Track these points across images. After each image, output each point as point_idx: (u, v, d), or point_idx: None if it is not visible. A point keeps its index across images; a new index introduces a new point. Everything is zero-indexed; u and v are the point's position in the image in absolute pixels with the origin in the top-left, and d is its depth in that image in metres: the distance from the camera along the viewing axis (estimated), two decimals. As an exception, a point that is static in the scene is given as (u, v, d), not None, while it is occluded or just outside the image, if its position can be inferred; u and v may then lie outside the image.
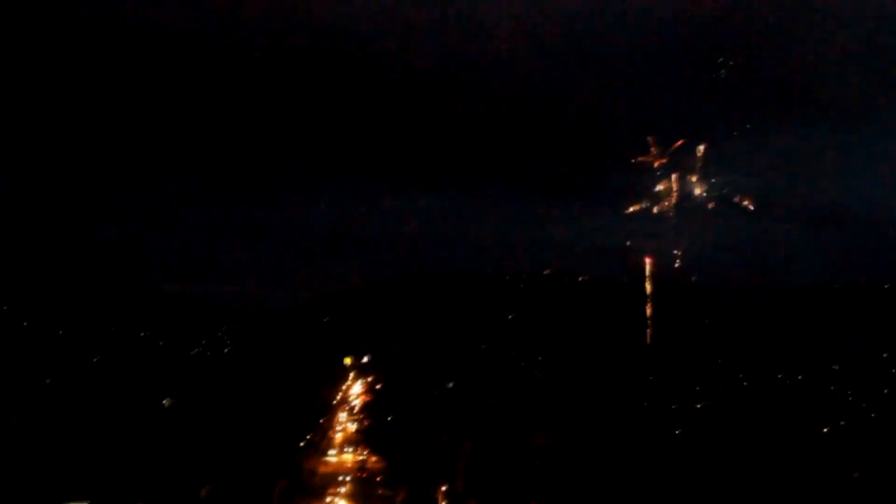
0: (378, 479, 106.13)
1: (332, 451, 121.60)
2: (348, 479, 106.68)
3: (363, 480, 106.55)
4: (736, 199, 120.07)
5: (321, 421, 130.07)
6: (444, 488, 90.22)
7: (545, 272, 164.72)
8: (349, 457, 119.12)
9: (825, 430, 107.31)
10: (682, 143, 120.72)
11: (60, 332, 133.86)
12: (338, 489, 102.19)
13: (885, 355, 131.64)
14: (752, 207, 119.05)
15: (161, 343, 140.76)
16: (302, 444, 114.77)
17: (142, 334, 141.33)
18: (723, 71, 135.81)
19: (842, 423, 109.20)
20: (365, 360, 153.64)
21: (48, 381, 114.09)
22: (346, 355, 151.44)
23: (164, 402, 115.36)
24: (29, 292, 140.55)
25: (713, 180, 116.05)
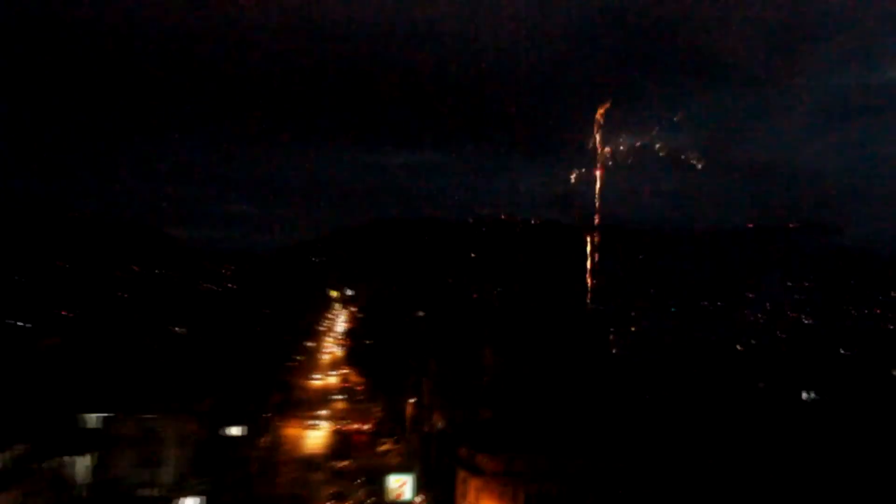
0: (359, 391, 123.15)
1: (318, 373, 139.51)
2: (334, 395, 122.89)
3: (346, 394, 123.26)
4: (672, 153, 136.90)
5: (310, 345, 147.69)
6: (412, 400, 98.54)
7: (502, 216, 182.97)
8: (334, 377, 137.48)
9: (738, 347, 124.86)
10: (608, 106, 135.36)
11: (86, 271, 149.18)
12: (324, 403, 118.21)
13: (788, 284, 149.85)
14: (693, 161, 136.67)
15: (174, 279, 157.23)
16: (292, 364, 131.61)
17: (156, 272, 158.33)
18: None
19: (752, 342, 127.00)
20: (348, 293, 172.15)
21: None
22: (331, 289, 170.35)
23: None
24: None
25: (645, 138, 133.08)
